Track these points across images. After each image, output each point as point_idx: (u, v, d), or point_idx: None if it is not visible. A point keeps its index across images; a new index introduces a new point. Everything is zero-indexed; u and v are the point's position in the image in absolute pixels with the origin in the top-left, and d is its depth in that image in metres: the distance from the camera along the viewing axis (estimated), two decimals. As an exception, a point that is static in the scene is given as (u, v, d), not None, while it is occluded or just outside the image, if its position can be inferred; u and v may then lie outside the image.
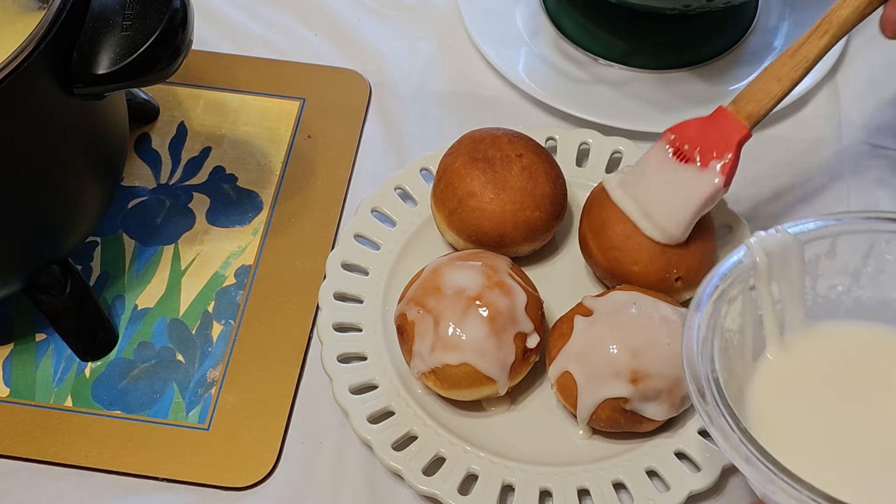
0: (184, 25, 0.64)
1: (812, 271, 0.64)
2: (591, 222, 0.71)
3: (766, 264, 0.62)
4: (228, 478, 0.69)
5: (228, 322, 0.75)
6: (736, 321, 0.62)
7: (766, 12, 0.89)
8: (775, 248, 0.62)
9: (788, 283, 0.63)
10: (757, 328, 0.63)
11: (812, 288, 0.65)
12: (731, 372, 0.60)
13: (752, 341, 0.63)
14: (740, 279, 0.61)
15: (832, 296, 0.65)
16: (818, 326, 0.65)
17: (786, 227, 0.63)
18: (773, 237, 0.62)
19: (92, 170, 0.71)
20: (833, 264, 0.64)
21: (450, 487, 0.66)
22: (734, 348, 0.61)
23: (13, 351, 0.74)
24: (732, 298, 0.61)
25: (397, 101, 0.86)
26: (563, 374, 0.66)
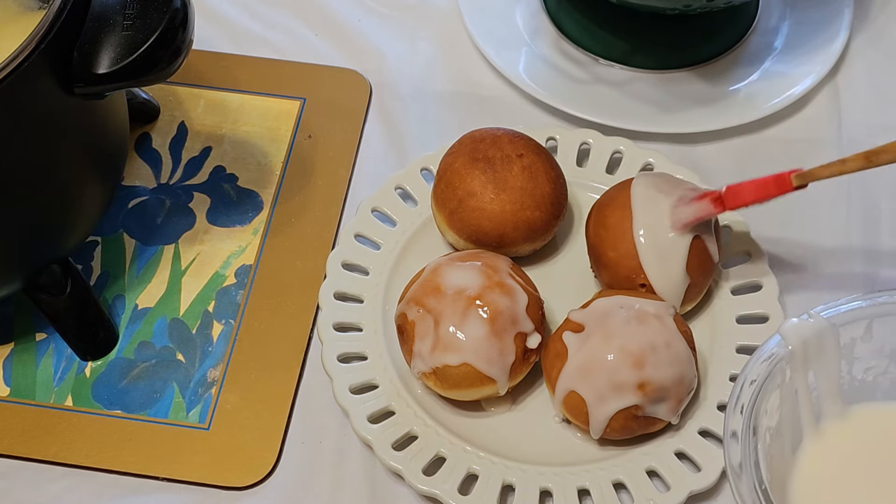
0: (184, 25, 0.64)
1: (848, 355, 0.63)
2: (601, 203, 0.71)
3: (802, 353, 0.60)
4: (228, 477, 0.69)
5: (229, 322, 0.75)
6: (774, 417, 0.61)
7: (767, 12, 0.89)
8: (810, 336, 0.61)
9: (825, 369, 0.62)
10: (794, 419, 0.62)
11: (848, 372, 0.63)
12: (773, 469, 0.59)
13: (790, 433, 0.62)
14: (777, 372, 0.60)
15: (868, 378, 0.64)
16: (855, 411, 0.63)
17: (819, 311, 0.61)
18: (808, 324, 0.61)
19: (92, 169, 0.71)
20: (869, 347, 0.63)
21: (450, 487, 0.66)
22: (774, 445, 0.60)
23: (13, 350, 0.74)
24: (770, 394, 0.60)
25: (398, 101, 0.86)
26: (568, 394, 0.66)
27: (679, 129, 0.82)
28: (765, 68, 0.85)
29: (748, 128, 0.83)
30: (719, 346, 0.71)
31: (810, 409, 0.62)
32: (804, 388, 0.61)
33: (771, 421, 0.60)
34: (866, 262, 0.77)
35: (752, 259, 0.74)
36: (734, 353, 0.71)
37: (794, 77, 0.84)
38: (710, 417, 0.68)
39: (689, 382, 0.66)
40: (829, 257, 0.77)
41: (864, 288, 0.75)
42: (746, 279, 0.74)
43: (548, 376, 0.68)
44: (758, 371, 0.60)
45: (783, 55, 0.86)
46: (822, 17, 0.87)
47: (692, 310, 0.73)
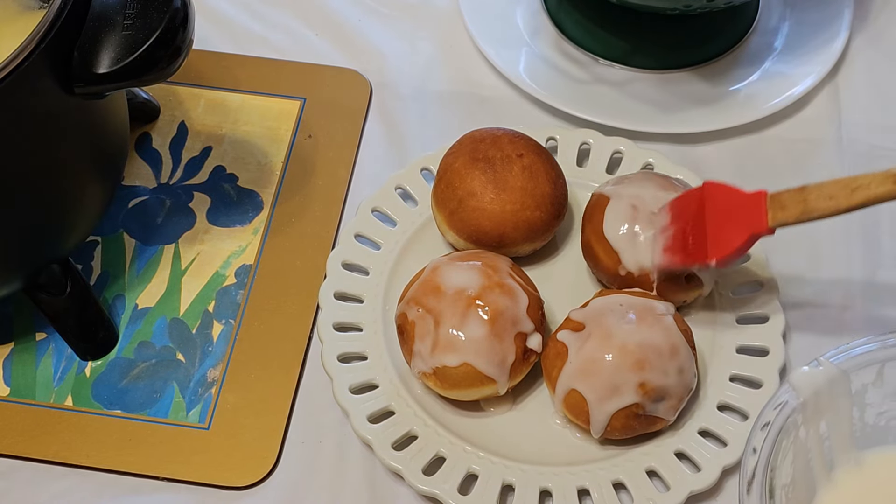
0: (184, 25, 0.64)
1: (860, 401, 0.62)
2: (595, 227, 0.71)
3: (814, 403, 0.59)
4: (228, 477, 0.69)
5: (229, 321, 0.75)
6: (789, 474, 0.60)
7: (767, 13, 0.89)
8: (822, 384, 0.60)
9: (837, 417, 0.61)
10: (807, 471, 0.61)
11: (860, 418, 0.62)
12: None
13: (804, 486, 0.61)
14: (790, 426, 0.59)
15: (881, 423, 0.63)
16: (868, 457, 0.62)
17: (829, 359, 0.60)
18: (819, 372, 0.60)
19: (92, 169, 0.71)
20: (881, 391, 0.62)
21: (450, 487, 0.66)
22: (790, 502, 0.59)
23: (13, 350, 0.74)
24: (783, 449, 0.59)
25: (398, 100, 0.86)
26: (569, 393, 0.66)
27: (679, 129, 0.82)
28: (765, 68, 0.85)
29: (748, 128, 0.83)
30: (719, 346, 0.71)
31: (823, 460, 0.61)
32: (816, 439, 0.60)
33: (786, 478, 0.59)
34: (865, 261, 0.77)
35: (752, 259, 0.74)
36: (734, 353, 0.71)
37: (794, 77, 0.84)
38: (710, 417, 0.68)
39: (688, 381, 0.66)
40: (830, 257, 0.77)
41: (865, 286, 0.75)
42: (746, 280, 0.74)
43: (548, 376, 0.68)
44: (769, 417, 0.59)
45: (783, 55, 0.86)
46: (822, 18, 0.87)
47: (692, 309, 0.73)
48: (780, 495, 0.58)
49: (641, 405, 0.65)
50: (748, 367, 0.70)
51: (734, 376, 0.70)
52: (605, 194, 0.72)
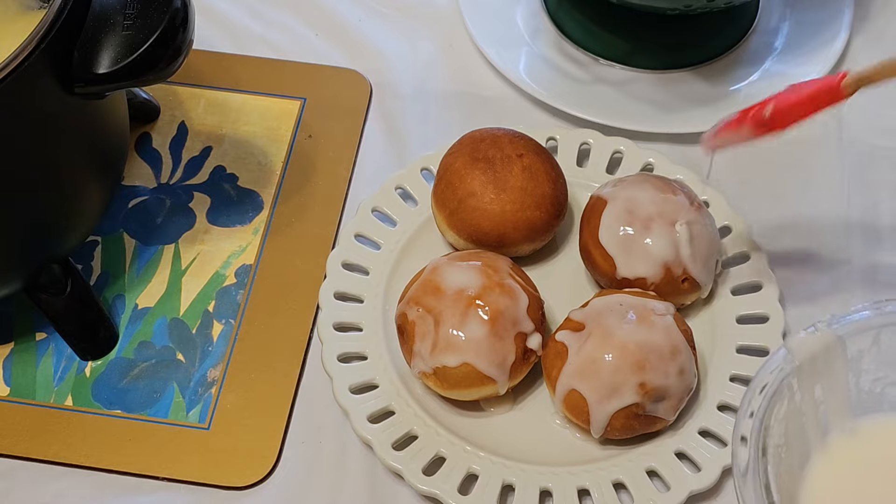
0: (185, 25, 0.64)
1: (856, 367, 0.62)
2: (592, 231, 0.71)
3: (810, 367, 0.59)
4: (229, 477, 0.69)
5: (229, 321, 0.75)
6: (782, 435, 0.59)
7: (767, 13, 0.89)
8: (818, 349, 0.60)
9: (832, 383, 0.61)
10: (802, 434, 0.61)
11: (856, 384, 0.63)
12: (781, 486, 0.58)
13: (798, 449, 0.61)
14: (784, 388, 0.59)
15: (877, 389, 0.63)
16: (863, 423, 0.62)
17: (826, 324, 0.60)
18: (815, 337, 0.60)
19: (92, 169, 0.71)
20: (877, 358, 0.62)
21: (450, 487, 0.66)
22: (783, 462, 0.59)
23: (13, 350, 0.74)
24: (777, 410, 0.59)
25: (398, 100, 0.86)
26: (569, 393, 0.66)
27: (679, 129, 0.82)
28: (765, 68, 0.85)
29: (748, 128, 0.83)
30: (719, 346, 0.71)
31: (817, 424, 0.61)
32: (811, 402, 0.60)
33: (779, 439, 0.59)
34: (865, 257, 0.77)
35: (752, 259, 0.74)
36: (734, 353, 0.71)
37: (794, 77, 0.84)
38: (710, 417, 0.68)
39: (688, 381, 0.66)
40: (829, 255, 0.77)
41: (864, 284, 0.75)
42: (746, 279, 0.74)
43: (548, 376, 0.68)
44: (766, 380, 0.59)
45: (783, 55, 0.86)
46: (822, 18, 0.87)
47: (692, 310, 0.73)
48: (774, 454, 0.58)
49: (641, 405, 0.65)
50: (748, 367, 0.70)
51: (734, 376, 0.70)
52: (602, 197, 0.72)
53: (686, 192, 0.72)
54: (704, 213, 0.72)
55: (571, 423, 0.68)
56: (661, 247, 0.70)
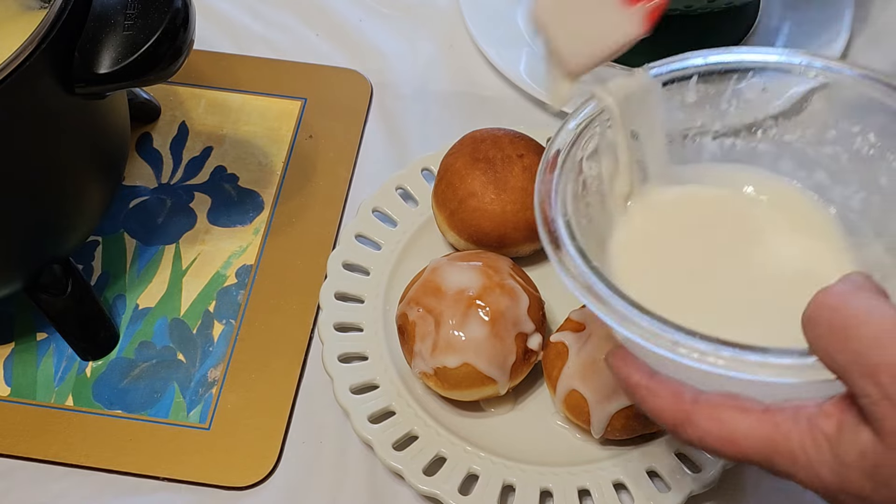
0: (185, 25, 0.64)
1: (674, 114, 0.62)
2: None
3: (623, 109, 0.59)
4: (229, 477, 0.69)
5: (229, 322, 0.75)
6: (593, 167, 0.59)
7: (768, 13, 0.89)
8: (634, 90, 0.59)
9: (649, 127, 0.60)
10: (616, 174, 0.60)
11: (674, 131, 0.62)
12: (591, 220, 0.58)
13: (612, 188, 0.60)
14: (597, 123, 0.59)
15: (694, 140, 0.63)
16: (680, 172, 0.62)
17: (645, 69, 0.60)
18: (631, 80, 0.60)
19: (93, 169, 0.71)
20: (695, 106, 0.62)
21: (450, 487, 0.66)
22: (592, 195, 0.59)
23: (14, 350, 0.74)
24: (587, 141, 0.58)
25: (398, 101, 0.86)
26: (569, 393, 0.66)
27: (680, 130, 0.82)
28: (765, 69, 0.85)
29: (749, 128, 0.83)
30: (720, 347, 0.71)
31: (633, 167, 0.60)
32: (625, 142, 0.59)
33: (590, 170, 0.59)
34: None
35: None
36: (735, 353, 0.71)
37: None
38: (711, 418, 0.68)
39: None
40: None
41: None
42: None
43: (549, 376, 0.68)
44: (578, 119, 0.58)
45: (784, 56, 0.86)
46: (822, 18, 0.87)
47: (693, 310, 0.73)
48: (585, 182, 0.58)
49: (642, 406, 0.65)
50: (749, 368, 0.70)
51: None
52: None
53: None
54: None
55: (572, 423, 0.68)
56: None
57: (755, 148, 0.63)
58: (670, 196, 0.61)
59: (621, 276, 0.56)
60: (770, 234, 0.60)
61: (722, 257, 0.59)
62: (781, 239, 0.60)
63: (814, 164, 0.62)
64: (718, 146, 0.63)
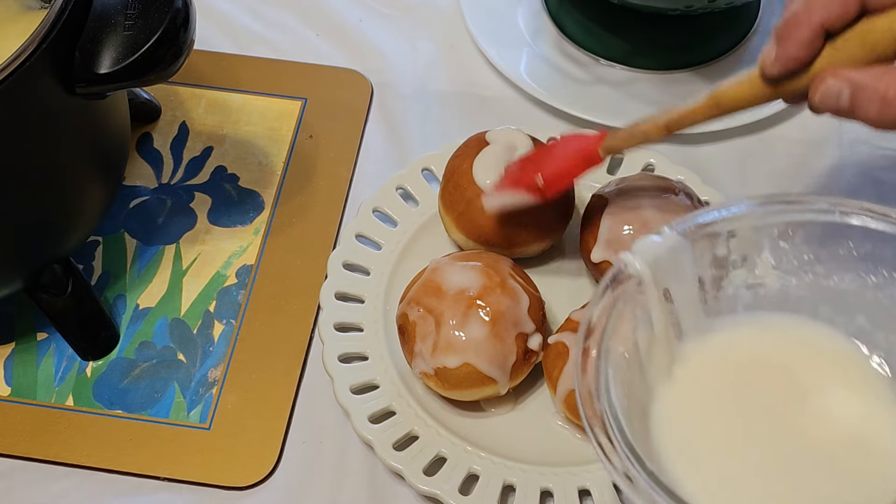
0: (186, 25, 0.64)
1: (704, 270, 0.61)
2: (592, 231, 0.71)
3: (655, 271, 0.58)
4: (229, 477, 0.69)
5: (230, 322, 0.75)
6: (628, 339, 0.58)
7: (768, 13, 0.89)
8: (663, 253, 0.58)
9: (681, 287, 0.59)
10: (652, 342, 0.59)
11: (707, 287, 0.61)
12: (631, 395, 0.56)
13: (649, 358, 0.59)
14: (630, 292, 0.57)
15: (728, 292, 0.62)
16: (717, 325, 0.61)
17: (671, 228, 0.59)
18: (659, 243, 0.59)
19: (93, 169, 0.71)
20: (726, 260, 0.61)
21: (451, 487, 0.66)
22: (632, 369, 0.57)
23: (14, 350, 0.74)
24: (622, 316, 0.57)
25: (399, 101, 0.86)
26: (570, 392, 0.66)
27: (680, 130, 0.82)
28: (766, 69, 0.85)
29: (749, 128, 0.83)
30: (720, 347, 0.71)
31: (669, 330, 0.59)
32: (659, 307, 0.58)
33: (627, 343, 0.57)
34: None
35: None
36: (735, 353, 0.71)
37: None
38: (711, 418, 0.68)
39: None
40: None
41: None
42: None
43: (549, 376, 0.68)
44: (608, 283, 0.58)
45: (784, 56, 0.86)
46: (823, 18, 0.87)
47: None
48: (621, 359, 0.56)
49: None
50: (749, 368, 0.70)
51: (735, 377, 0.70)
52: (603, 197, 0.72)
53: (686, 192, 0.72)
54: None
55: (572, 423, 0.68)
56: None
57: (792, 294, 0.62)
58: (709, 357, 0.60)
59: (667, 450, 0.55)
60: (816, 393, 0.59)
61: (769, 421, 0.58)
62: (829, 398, 0.59)
63: (853, 308, 0.61)
64: (753, 295, 0.62)
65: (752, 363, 0.60)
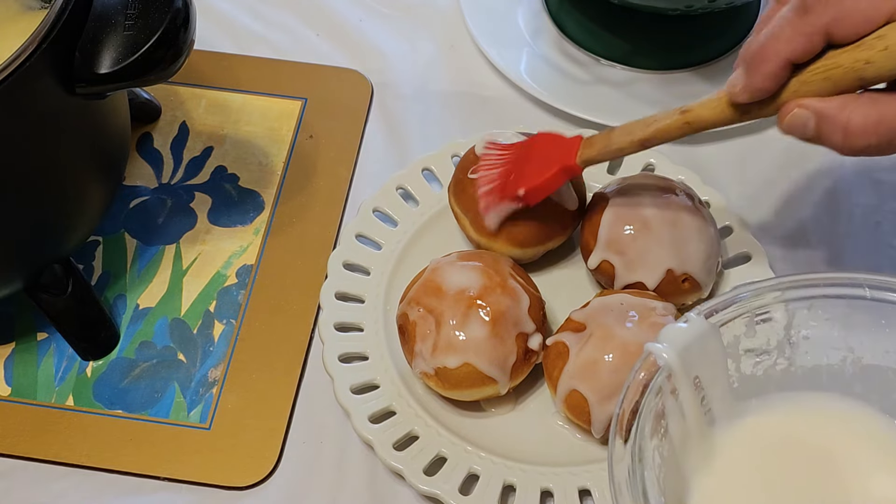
0: (186, 25, 0.64)
1: (734, 353, 0.60)
2: (593, 231, 0.71)
3: (684, 359, 0.57)
4: (229, 477, 0.69)
5: (230, 322, 0.75)
6: (661, 434, 0.57)
7: (768, 13, 0.89)
8: (691, 341, 0.57)
9: (711, 372, 0.58)
10: (684, 431, 0.58)
11: (737, 370, 0.60)
12: (668, 489, 0.55)
13: (682, 447, 0.58)
14: (659, 384, 0.57)
15: (759, 373, 0.61)
16: (748, 408, 0.60)
17: (697, 314, 0.59)
18: (686, 329, 0.58)
19: (94, 169, 0.71)
20: (755, 341, 0.60)
21: (451, 487, 0.66)
22: (666, 463, 0.56)
23: (15, 350, 0.74)
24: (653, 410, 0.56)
25: (399, 101, 0.86)
26: (570, 392, 0.66)
27: (680, 130, 0.82)
28: (766, 69, 0.85)
29: (749, 128, 0.83)
30: (720, 347, 0.71)
31: (701, 417, 0.58)
32: (690, 396, 0.58)
33: (659, 440, 0.56)
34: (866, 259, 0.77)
35: (753, 259, 0.74)
36: (735, 353, 0.71)
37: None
38: (711, 418, 0.68)
39: None
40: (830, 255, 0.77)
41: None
42: (747, 280, 0.73)
43: (549, 376, 0.68)
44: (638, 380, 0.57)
45: (784, 56, 0.86)
46: (823, 18, 0.87)
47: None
48: (653, 457, 0.56)
49: (642, 405, 0.65)
50: (749, 368, 0.70)
51: (735, 377, 0.70)
52: (604, 196, 0.72)
53: (687, 192, 0.72)
54: (705, 213, 0.72)
55: (572, 423, 0.68)
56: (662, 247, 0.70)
57: (824, 372, 0.61)
58: (743, 442, 0.59)
59: None
60: (855, 474, 0.58)
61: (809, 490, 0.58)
62: (869, 479, 0.58)
63: (889, 384, 0.60)
64: (783, 374, 0.61)
65: (787, 446, 0.59)
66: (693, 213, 0.71)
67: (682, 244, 0.70)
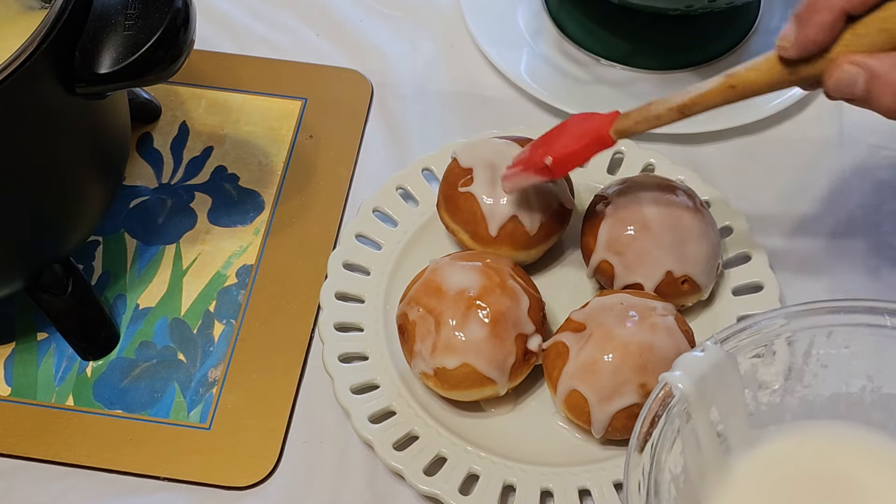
0: (186, 25, 0.64)
1: (750, 381, 0.59)
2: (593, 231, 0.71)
3: (701, 389, 0.56)
4: (229, 477, 0.69)
5: (230, 322, 0.75)
6: (678, 462, 0.56)
7: (769, 13, 0.89)
8: (707, 370, 0.56)
9: (727, 401, 0.58)
10: (701, 461, 0.57)
11: (753, 398, 0.60)
12: None
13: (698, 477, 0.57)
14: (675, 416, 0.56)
15: (776, 401, 0.60)
16: (764, 437, 0.60)
17: (714, 342, 0.58)
18: (702, 358, 0.57)
19: (94, 169, 0.71)
20: (772, 369, 0.60)
21: (451, 487, 0.66)
22: (682, 496, 0.56)
23: (15, 350, 0.74)
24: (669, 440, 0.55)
25: (399, 101, 0.86)
26: (570, 393, 0.66)
27: (680, 130, 0.81)
28: (766, 69, 0.85)
29: (749, 128, 0.83)
30: (720, 347, 0.71)
31: (717, 447, 0.57)
32: (706, 426, 0.57)
33: (675, 468, 0.56)
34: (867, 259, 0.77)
35: (753, 260, 0.74)
36: (735, 353, 0.71)
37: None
38: (711, 418, 0.68)
39: None
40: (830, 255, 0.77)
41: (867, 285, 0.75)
42: (747, 280, 0.74)
43: (549, 376, 0.68)
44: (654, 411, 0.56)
45: (784, 56, 0.86)
46: (823, 18, 0.87)
47: (693, 310, 0.73)
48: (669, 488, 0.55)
49: (642, 405, 0.65)
50: (749, 368, 0.70)
51: (735, 377, 0.70)
52: (604, 197, 0.72)
53: (688, 193, 0.72)
54: (705, 213, 0.72)
55: (572, 423, 0.68)
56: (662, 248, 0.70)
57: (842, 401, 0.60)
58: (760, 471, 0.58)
59: None
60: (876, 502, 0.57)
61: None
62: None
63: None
64: (800, 403, 0.60)
65: (804, 474, 0.59)
66: (694, 215, 0.71)
67: (682, 246, 0.70)
